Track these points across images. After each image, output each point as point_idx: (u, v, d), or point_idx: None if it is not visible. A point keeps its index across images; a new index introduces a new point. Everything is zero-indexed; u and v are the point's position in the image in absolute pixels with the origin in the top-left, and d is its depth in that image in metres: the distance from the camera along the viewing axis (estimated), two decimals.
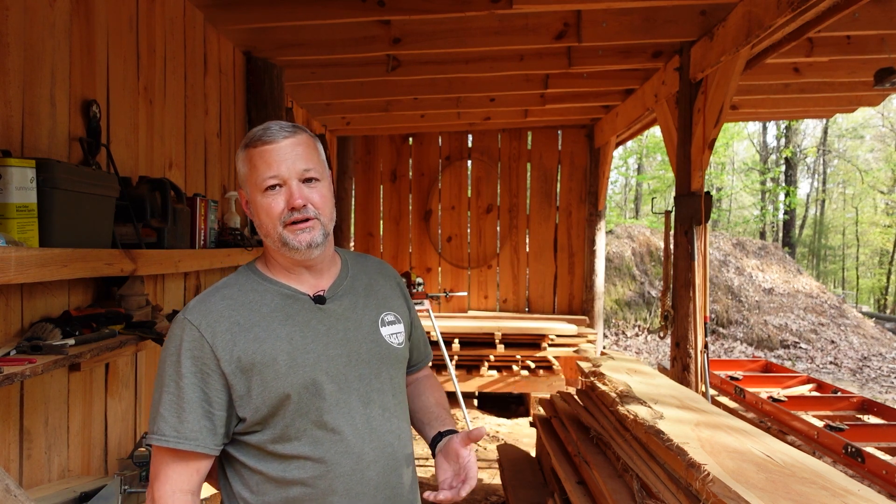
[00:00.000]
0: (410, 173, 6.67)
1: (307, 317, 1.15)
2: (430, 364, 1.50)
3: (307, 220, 1.12)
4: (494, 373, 5.47)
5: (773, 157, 21.76)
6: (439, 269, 6.67)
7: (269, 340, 1.10)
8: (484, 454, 4.57)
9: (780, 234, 21.28)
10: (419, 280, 4.85)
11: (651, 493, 1.94)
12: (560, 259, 6.52)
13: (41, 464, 1.84)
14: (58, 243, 1.61)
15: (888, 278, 20.31)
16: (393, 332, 1.24)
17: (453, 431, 1.23)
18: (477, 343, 5.48)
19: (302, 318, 1.15)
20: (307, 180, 1.13)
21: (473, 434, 1.13)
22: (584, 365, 3.14)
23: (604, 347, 7.62)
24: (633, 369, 2.94)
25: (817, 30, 2.87)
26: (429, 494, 1.13)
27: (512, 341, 5.48)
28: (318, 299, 1.18)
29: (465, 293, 6.45)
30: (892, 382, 7.84)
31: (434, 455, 1.22)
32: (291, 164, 1.11)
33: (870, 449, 2.71)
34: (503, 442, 4.74)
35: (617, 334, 9.94)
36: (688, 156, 3.50)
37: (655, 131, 15.07)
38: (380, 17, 3.12)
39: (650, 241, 11.22)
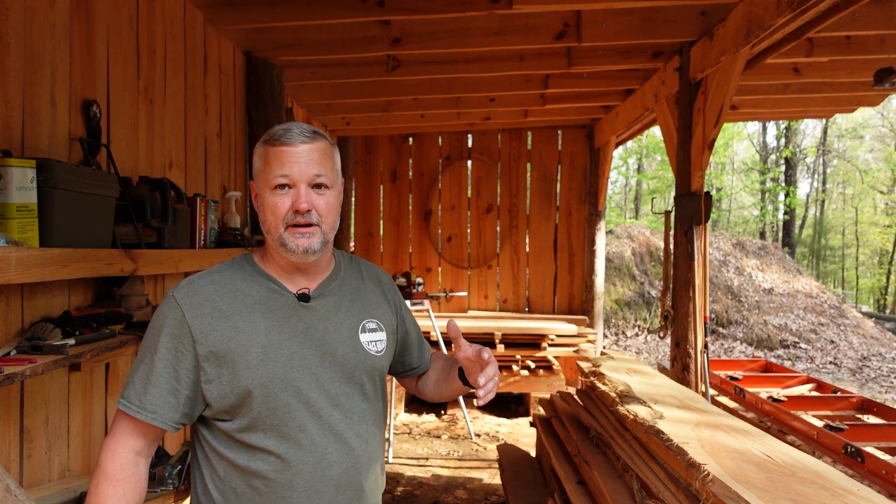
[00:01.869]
0: (410, 173, 6.67)
1: (289, 313, 1.17)
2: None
3: (309, 225, 1.14)
4: None
5: (773, 157, 21.78)
6: (439, 269, 6.67)
7: (247, 331, 1.13)
8: (484, 454, 4.57)
9: (780, 234, 21.30)
10: (419, 280, 4.85)
11: (651, 493, 1.94)
12: (560, 259, 6.52)
13: (41, 463, 1.84)
14: (58, 243, 1.61)
15: (888, 278, 20.32)
16: (373, 340, 1.26)
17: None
18: (477, 343, 5.47)
19: (283, 313, 1.17)
20: (317, 186, 1.15)
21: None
22: (584, 365, 3.14)
23: (604, 347, 7.62)
24: (633, 369, 2.94)
25: (817, 30, 2.87)
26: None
27: (512, 341, 5.48)
28: (302, 297, 1.19)
29: (465, 293, 6.45)
30: (892, 382, 7.85)
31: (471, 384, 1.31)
32: (304, 167, 1.13)
33: (869, 449, 2.70)
34: (503, 442, 4.74)
35: (617, 334, 9.94)
36: (688, 156, 3.50)
37: (655, 131, 15.08)
38: (380, 17, 3.12)
39: (650, 241, 11.22)
